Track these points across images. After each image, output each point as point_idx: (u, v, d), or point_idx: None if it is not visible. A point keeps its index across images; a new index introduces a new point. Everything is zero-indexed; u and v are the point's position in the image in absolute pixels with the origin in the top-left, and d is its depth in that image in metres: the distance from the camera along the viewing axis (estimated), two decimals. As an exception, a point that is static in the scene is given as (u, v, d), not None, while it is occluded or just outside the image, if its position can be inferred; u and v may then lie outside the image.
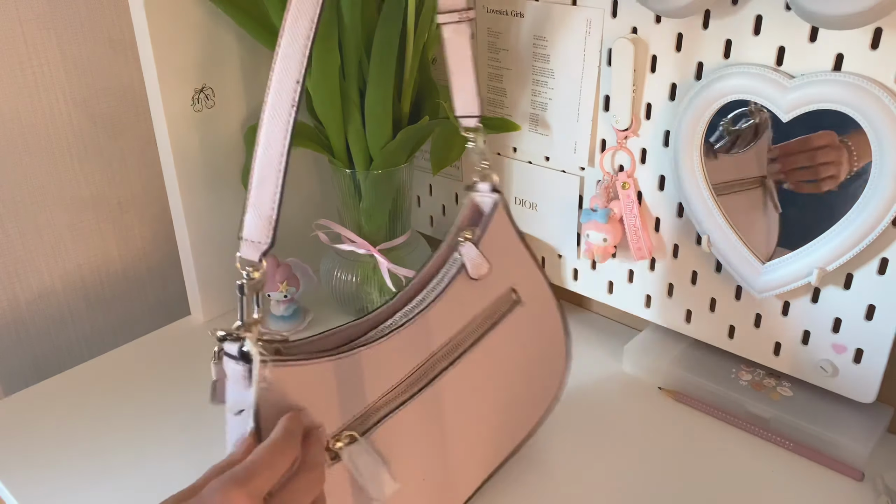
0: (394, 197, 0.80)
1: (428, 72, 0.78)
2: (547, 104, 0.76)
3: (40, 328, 0.87)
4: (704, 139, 0.64)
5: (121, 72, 0.86)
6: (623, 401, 0.73)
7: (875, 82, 0.55)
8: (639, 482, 0.63)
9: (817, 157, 0.61)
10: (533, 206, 0.82)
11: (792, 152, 0.63)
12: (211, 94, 0.79)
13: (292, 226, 0.91)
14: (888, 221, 0.57)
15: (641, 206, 0.72)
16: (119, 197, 0.90)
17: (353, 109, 0.74)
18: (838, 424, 0.65)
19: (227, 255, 0.86)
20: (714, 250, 0.68)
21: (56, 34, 0.80)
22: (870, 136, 0.56)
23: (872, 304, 0.61)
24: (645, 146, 0.70)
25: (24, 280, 0.84)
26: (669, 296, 0.74)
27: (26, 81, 0.79)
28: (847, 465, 0.63)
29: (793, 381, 0.70)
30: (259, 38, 0.76)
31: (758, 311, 0.68)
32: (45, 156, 0.83)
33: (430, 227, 0.96)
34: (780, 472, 0.64)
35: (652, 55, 0.66)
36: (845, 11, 0.50)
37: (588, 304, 0.88)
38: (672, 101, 0.67)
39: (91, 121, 0.85)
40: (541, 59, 0.75)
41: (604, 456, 0.66)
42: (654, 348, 0.76)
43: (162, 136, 0.78)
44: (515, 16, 0.75)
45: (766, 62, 0.60)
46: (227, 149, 0.82)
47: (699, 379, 0.71)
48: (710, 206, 0.66)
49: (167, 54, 0.74)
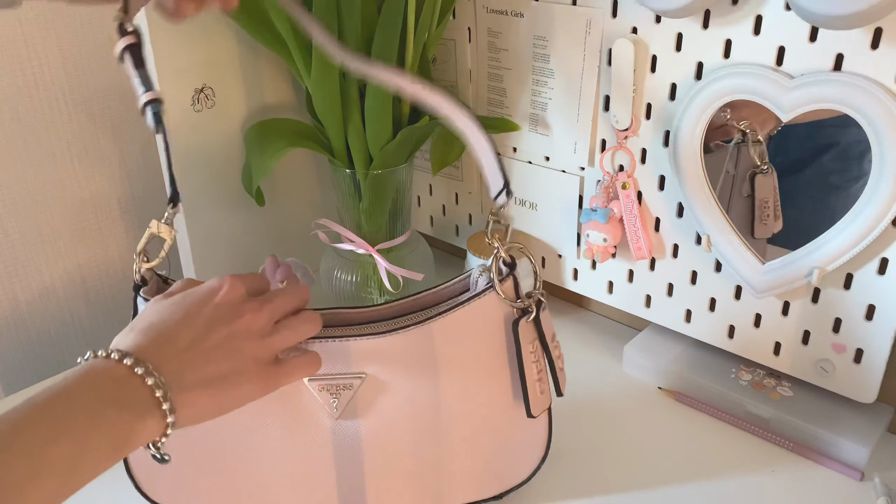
0: (394, 197, 0.80)
1: (428, 72, 0.78)
2: (547, 104, 0.76)
3: (40, 328, 0.87)
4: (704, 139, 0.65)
5: (121, 72, 0.86)
6: (623, 401, 0.73)
7: (875, 82, 0.55)
8: (639, 482, 0.63)
9: None
10: (533, 206, 0.82)
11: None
12: (211, 94, 0.79)
13: (292, 225, 0.91)
14: (888, 221, 0.57)
15: (641, 206, 0.72)
16: (119, 197, 0.90)
17: (353, 109, 0.74)
18: (838, 424, 0.65)
19: (227, 255, 0.86)
20: (714, 250, 0.68)
21: (56, 34, 0.80)
22: (870, 136, 0.56)
23: (872, 304, 0.61)
24: (645, 146, 0.70)
25: (24, 280, 0.84)
26: (669, 296, 0.74)
27: (26, 81, 0.79)
28: (847, 465, 0.63)
29: (793, 381, 0.70)
30: (259, 37, 0.76)
31: (758, 310, 0.68)
32: (45, 156, 0.83)
33: (430, 227, 0.96)
34: (780, 472, 0.64)
35: (652, 55, 0.66)
36: (845, 11, 0.50)
37: (588, 304, 0.88)
38: (672, 101, 0.67)
39: (91, 121, 0.85)
40: (541, 59, 0.75)
41: (604, 456, 0.66)
42: (654, 348, 0.76)
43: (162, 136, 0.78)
44: (515, 16, 0.75)
45: (766, 62, 0.60)
46: (227, 149, 0.82)
47: (699, 379, 0.71)
48: (710, 206, 0.66)
49: (167, 54, 0.74)
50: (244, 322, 0.47)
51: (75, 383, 0.41)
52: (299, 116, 0.84)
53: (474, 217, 0.90)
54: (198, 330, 0.46)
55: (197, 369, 0.45)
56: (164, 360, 0.44)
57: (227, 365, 0.46)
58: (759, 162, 0.67)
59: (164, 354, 0.44)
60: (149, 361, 0.43)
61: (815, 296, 0.64)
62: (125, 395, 0.41)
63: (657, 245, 0.73)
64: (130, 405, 0.41)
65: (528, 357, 0.55)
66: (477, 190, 0.87)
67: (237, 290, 0.49)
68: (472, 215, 0.90)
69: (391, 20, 0.68)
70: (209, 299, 0.48)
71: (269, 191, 0.84)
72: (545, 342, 0.56)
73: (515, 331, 0.54)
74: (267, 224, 0.89)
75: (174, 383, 0.43)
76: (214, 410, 0.46)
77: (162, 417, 0.42)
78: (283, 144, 0.77)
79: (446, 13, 0.76)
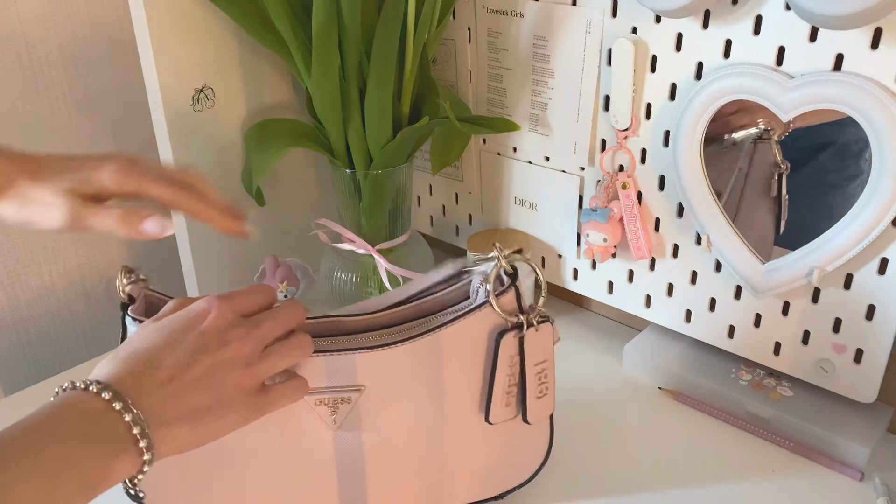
0: (394, 197, 0.80)
1: (428, 72, 0.78)
2: (547, 104, 0.76)
3: (40, 328, 0.87)
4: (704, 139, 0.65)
5: (121, 72, 0.86)
6: (623, 401, 0.73)
7: (875, 82, 0.55)
8: (638, 482, 0.63)
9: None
10: (533, 206, 0.82)
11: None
12: (211, 94, 0.79)
13: (292, 225, 0.91)
14: (888, 221, 0.57)
15: (641, 206, 0.72)
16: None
17: (353, 109, 0.74)
18: (838, 424, 0.65)
19: (227, 255, 0.86)
20: (714, 250, 0.68)
21: (56, 34, 0.80)
22: (869, 135, 0.56)
23: (872, 304, 0.61)
24: (645, 146, 0.70)
25: (24, 280, 0.84)
26: (669, 296, 0.74)
27: (26, 81, 0.79)
28: (847, 465, 0.63)
29: (793, 381, 0.70)
30: (259, 37, 0.76)
31: (757, 310, 0.68)
32: (45, 156, 0.83)
33: (430, 227, 0.96)
34: (780, 472, 0.64)
35: (652, 55, 0.66)
36: (845, 11, 0.50)
37: (588, 304, 0.88)
38: (672, 101, 0.67)
39: (91, 121, 0.85)
40: (541, 59, 0.75)
41: (603, 456, 0.66)
42: (654, 348, 0.76)
43: (162, 136, 0.78)
44: (515, 16, 0.75)
45: (766, 62, 0.60)
46: (227, 149, 0.82)
47: (699, 379, 0.71)
48: (710, 206, 0.66)
49: (167, 54, 0.74)
50: (230, 351, 0.45)
51: (49, 417, 0.39)
52: (299, 116, 0.84)
53: (474, 217, 0.90)
54: (181, 359, 0.44)
55: (178, 402, 0.43)
56: (144, 392, 0.42)
57: (209, 396, 0.44)
58: (780, 160, 0.66)
59: (144, 387, 0.42)
60: (127, 395, 0.41)
61: (815, 296, 0.64)
62: (100, 431, 0.40)
63: (657, 245, 0.73)
64: (105, 442, 0.40)
65: (502, 368, 0.54)
66: (477, 190, 0.87)
67: (224, 315, 0.47)
68: (472, 215, 0.90)
69: (391, 20, 0.68)
70: (194, 325, 0.46)
71: (269, 191, 0.84)
72: (524, 363, 0.55)
73: (498, 342, 0.54)
74: (267, 224, 0.89)
75: (153, 418, 0.41)
76: (195, 443, 0.44)
77: (139, 454, 0.41)
78: (283, 144, 0.77)
79: (446, 13, 0.76)
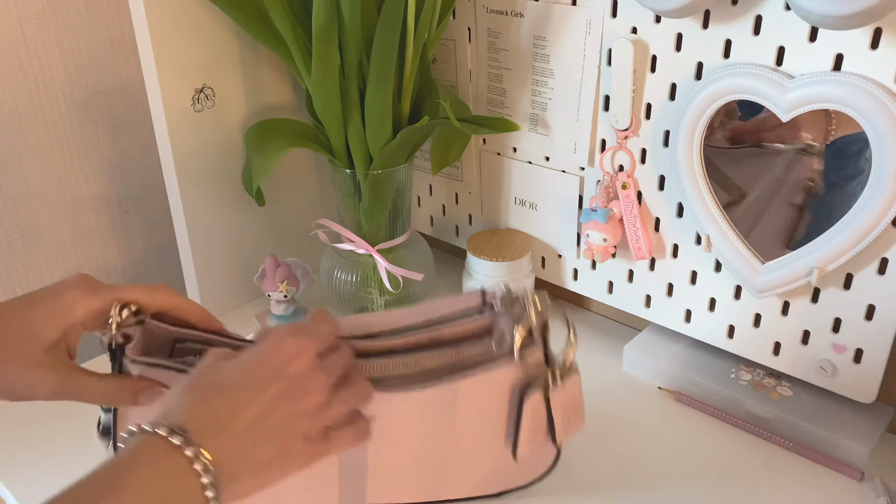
0: (393, 197, 0.80)
1: (428, 72, 0.78)
2: (547, 104, 0.76)
3: (40, 328, 0.87)
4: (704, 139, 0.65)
5: (121, 72, 0.86)
6: (623, 401, 0.73)
7: (875, 82, 0.55)
8: (638, 482, 0.63)
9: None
10: (533, 206, 0.82)
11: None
12: (211, 94, 0.79)
13: (292, 225, 0.91)
14: (888, 221, 0.57)
15: (641, 206, 0.72)
16: (119, 197, 0.90)
17: (353, 109, 0.74)
18: (838, 424, 0.65)
19: (227, 255, 0.86)
20: (714, 250, 0.68)
21: (56, 34, 0.80)
22: (869, 135, 0.56)
23: (872, 304, 0.61)
24: (645, 146, 0.70)
25: (24, 280, 0.84)
26: (669, 296, 0.74)
27: (26, 81, 0.79)
28: (847, 465, 0.63)
29: (793, 381, 0.70)
30: (259, 37, 0.76)
31: (757, 310, 0.68)
32: (45, 156, 0.83)
33: (430, 227, 0.96)
34: (780, 472, 0.64)
35: (652, 55, 0.66)
36: (845, 11, 0.50)
37: (588, 304, 0.88)
38: (672, 101, 0.67)
39: (91, 121, 0.85)
40: (541, 59, 0.75)
41: (603, 456, 0.66)
42: (654, 348, 0.76)
43: (162, 136, 0.78)
44: (515, 16, 0.75)
45: (766, 62, 0.60)
46: (227, 149, 0.82)
47: (699, 379, 0.71)
48: (710, 206, 0.66)
49: (167, 54, 0.74)
50: (309, 401, 0.44)
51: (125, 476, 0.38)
52: (299, 116, 0.84)
53: (474, 217, 0.90)
54: (261, 408, 0.42)
55: (249, 455, 0.42)
56: (223, 445, 0.40)
57: (275, 447, 0.43)
58: (817, 177, 0.65)
59: (222, 438, 0.40)
60: (207, 447, 0.39)
61: (815, 296, 0.64)
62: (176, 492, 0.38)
63: (657, 245, 0.73)
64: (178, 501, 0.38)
65: (526, 423, 0.54)
66: (477, 190, 0.87)
67: (311, 359, 0.45)
68: (472, 215, 0.90)
69: (391, 20, 0.68)
70: (281, 370, 0.44)
71: (269, 191, 0.84)
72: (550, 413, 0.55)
73: (521, 401, 0.54)
74: (267, 224, 0.89)
75: (225, 475, 0.40)
76: (250, 494, 0.42)
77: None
78: (283, 144, 0.77)
79: (446, 13, 0.76)
